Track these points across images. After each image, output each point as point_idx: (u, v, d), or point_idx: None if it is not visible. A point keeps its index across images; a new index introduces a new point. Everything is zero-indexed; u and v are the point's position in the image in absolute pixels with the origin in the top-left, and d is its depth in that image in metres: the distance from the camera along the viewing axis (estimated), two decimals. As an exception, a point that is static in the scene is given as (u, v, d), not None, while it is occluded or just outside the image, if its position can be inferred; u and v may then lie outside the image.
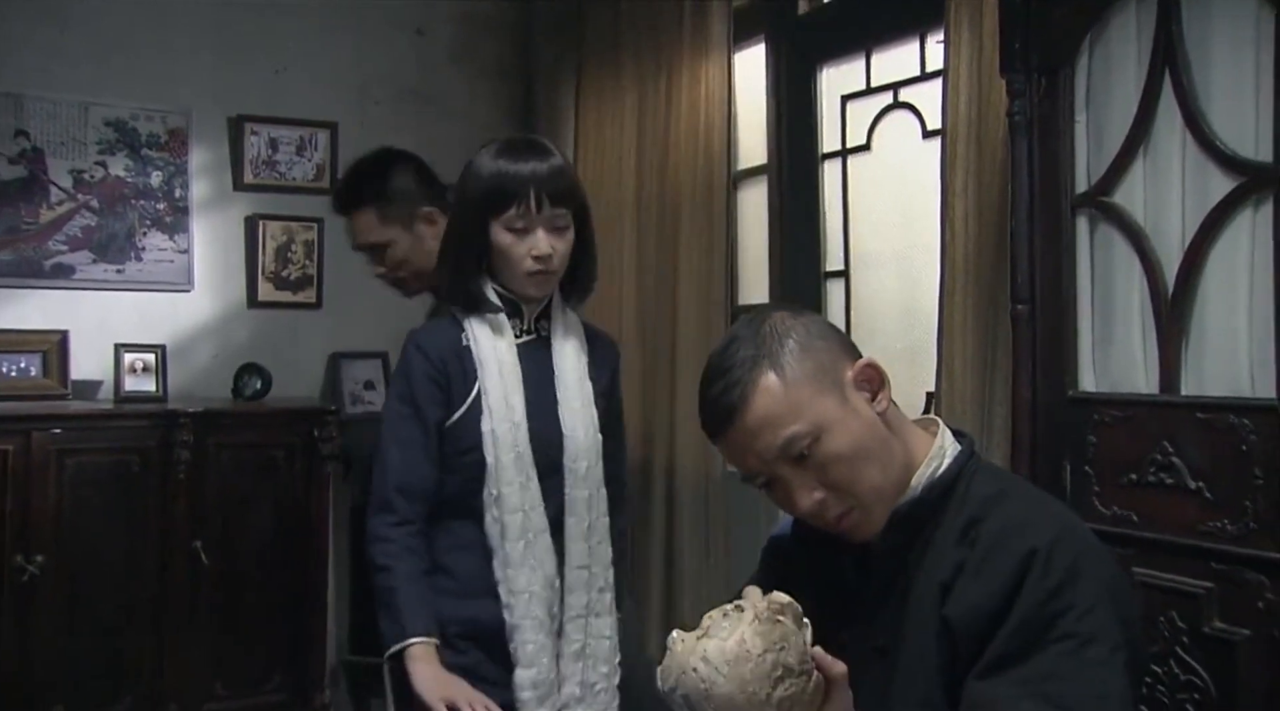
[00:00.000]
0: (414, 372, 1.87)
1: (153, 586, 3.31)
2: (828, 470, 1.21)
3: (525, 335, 1.93)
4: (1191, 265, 1.71)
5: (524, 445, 1.85)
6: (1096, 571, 1.16)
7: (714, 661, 1.05)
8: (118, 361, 3.59)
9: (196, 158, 3.81)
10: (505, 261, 1.86)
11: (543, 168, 1.85)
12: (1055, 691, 1.10)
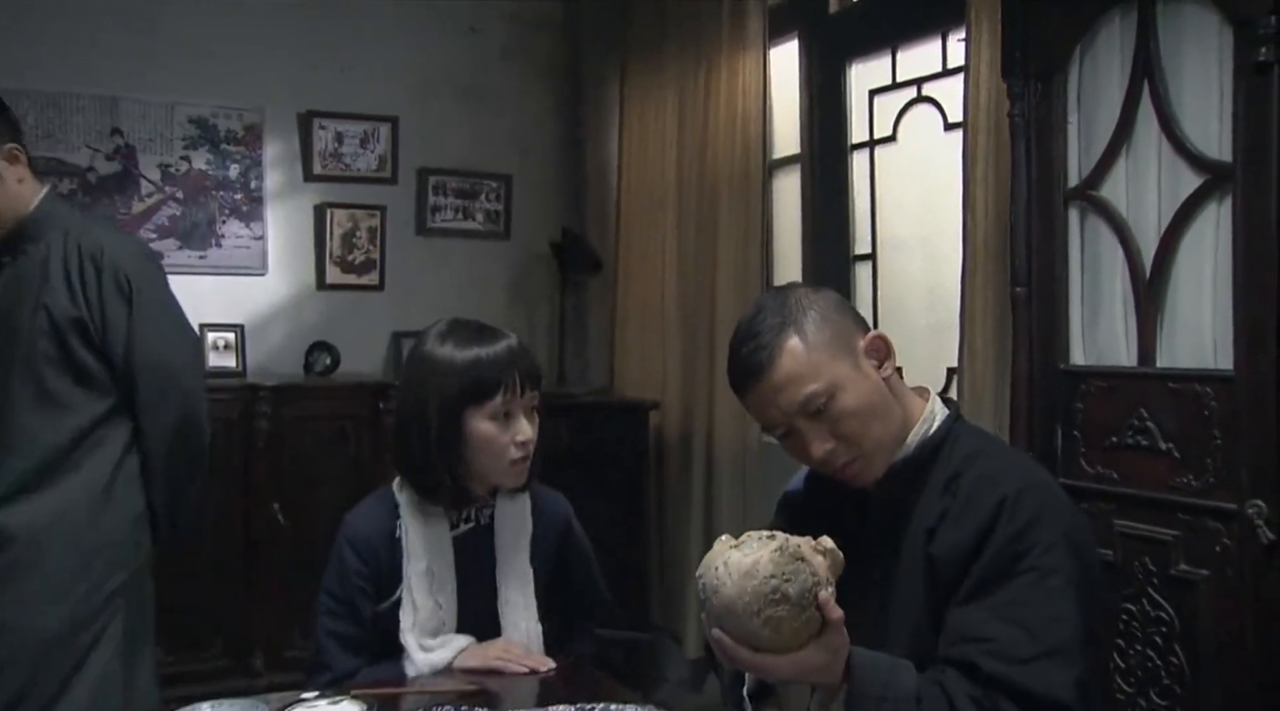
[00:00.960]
0: (345, 570, 1.76)
1: (238, 543, 3.62)
2: (839, 424, 1.42)
3: (466, 524, 1.79)
4: (1165, 252, 1.94)
5: (448, 633, 1.76)
6: (1056, 517, 1.37)
7: (730, 568, 1.27)
8: (202, 340, 3.89)
9: (270, 151, 4.09)
10: (486, 452, 1.70)
11: (516, 348, 1.73)
12: (1019, 615, 1.31)
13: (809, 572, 1.26)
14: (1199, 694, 1.84)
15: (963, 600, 1.35)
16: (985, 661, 1.29)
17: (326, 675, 1.72)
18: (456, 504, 1.76)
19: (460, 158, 4.38)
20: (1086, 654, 1.31)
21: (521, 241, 4.49)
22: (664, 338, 4.00)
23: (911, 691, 1.30)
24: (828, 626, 1.28)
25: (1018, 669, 1.28)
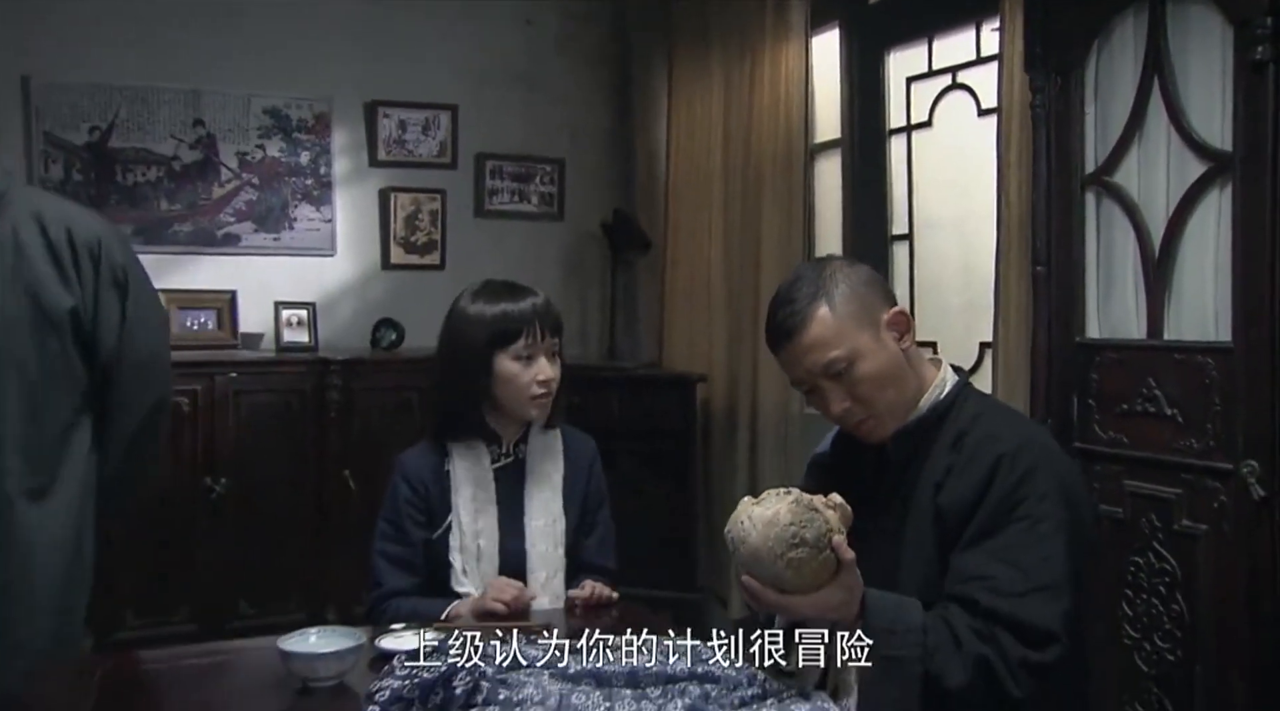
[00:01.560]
0: (397, 498, 2.01)
1: (311, 506, 3.86)
2: (856, 387, 1.59)
3: (504, 459, 2.03)
4: (1173, 234, 2.09)
5: (490, 561, 1.98)
6: (1050, 470, 1.52)
7: (754, 520, 1.45)
8: (277, 317, 4.12)
9: (338, 139, 4.31)
10: (511, 389, 1.95)
11: (539, 302, 1.99)
12: (1014, 556, 1.47)
13: (822, 521, 1.43)
14: (1197, 638, 2.01)
15: (965, 545, 1.51)
16: (984, 596, 1.45)
17: (379, 591, 1.98)
18: (485, 440, 2.02)
19: (516, 143, 4.56)
20: (1073, 589, 1.46)
21: (574, 222, 4.66)
22: (710, 313, 4.13)
23: (918, 624, 1.46)
24: (842, 567, 1.44)
25: (1012, 602, 1.44)
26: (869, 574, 1.50)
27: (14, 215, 1.92)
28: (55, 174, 3.90)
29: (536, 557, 2.00)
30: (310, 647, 1.60)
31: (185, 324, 4.03)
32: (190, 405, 3.71)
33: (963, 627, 1.45)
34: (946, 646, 1.44)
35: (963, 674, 1.43)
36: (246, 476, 3.76)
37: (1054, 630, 1.43)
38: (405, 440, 3.88)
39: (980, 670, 1.42)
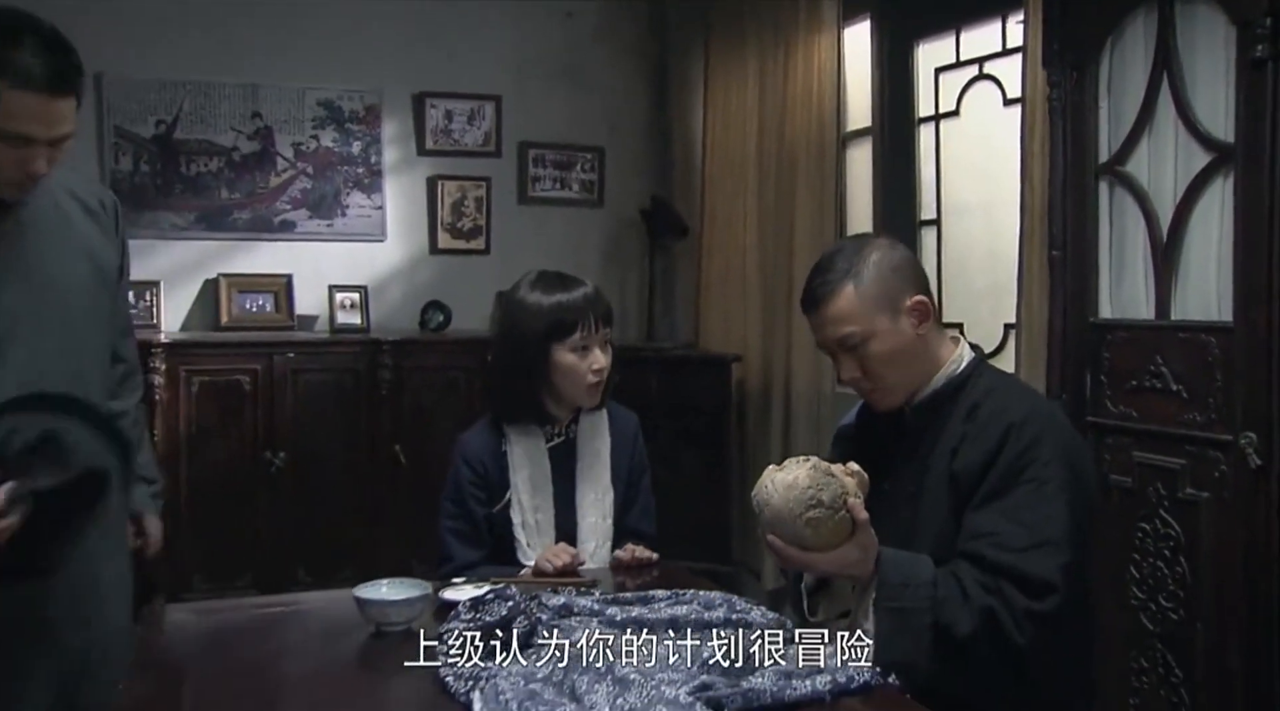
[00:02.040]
0: (460, 478, 2.15)
1: (364, 478, 4.06)
2: (866, 362, 1.73)
3: (557, 439, 2.18)
4: (1180, 220, 2.22)
5: (548, 535, 2.14)
6: (1054, 439, 1.66)
7: (776, 484, 1.61)
8: (331, 299, 4.33)
9: (387, 129, 4.49)
10: (568, 379, 2.09)
11: (591, 293, 2.12)
12: (1019, 515, 1.61)
13: (839, 485, 1.59)
14: (1198, 597, 2.15)
15: (976, 505, 1.64)
16: (990, 552, 1.59)
17: (449, 564, 2.12)
18: (540, 422, 2.16)
19: (557, 132, 4.72)
20: (1073, 545, 1.60)
21: (614, 208, 4.82)
22: (745, 296, 4.26)
23: (929, 578, 1.60)
24: (858, 527, 1.59)
25: (1016, 556, 1.57)
26: (889, 532, 1.65)
27: (46, 188, 1.81)
28: (125, 165, 4.11)
29: (587, 528, 2.16)
30: (383, 595, 1.77)
31: (244, 306, 4.24)
32: (251, 383, 3.92)
33: (970, 581, 1.58)
34: (955, 598, 1.57)
35: (970, 623, 1.56)
36: (304, 450, 3.97)
37: (1054, 581, 1.56)
38: (452, 417, 4.14)
39: (986, 619, 1.56)
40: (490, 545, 2.16)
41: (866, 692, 1.43)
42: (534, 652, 1.53)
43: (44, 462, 1.59)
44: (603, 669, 1.44)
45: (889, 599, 1.60)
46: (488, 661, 1.52)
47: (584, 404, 2.16)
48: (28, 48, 1.59)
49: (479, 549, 2.15)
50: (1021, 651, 1.57)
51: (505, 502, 2.14)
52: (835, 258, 1.76)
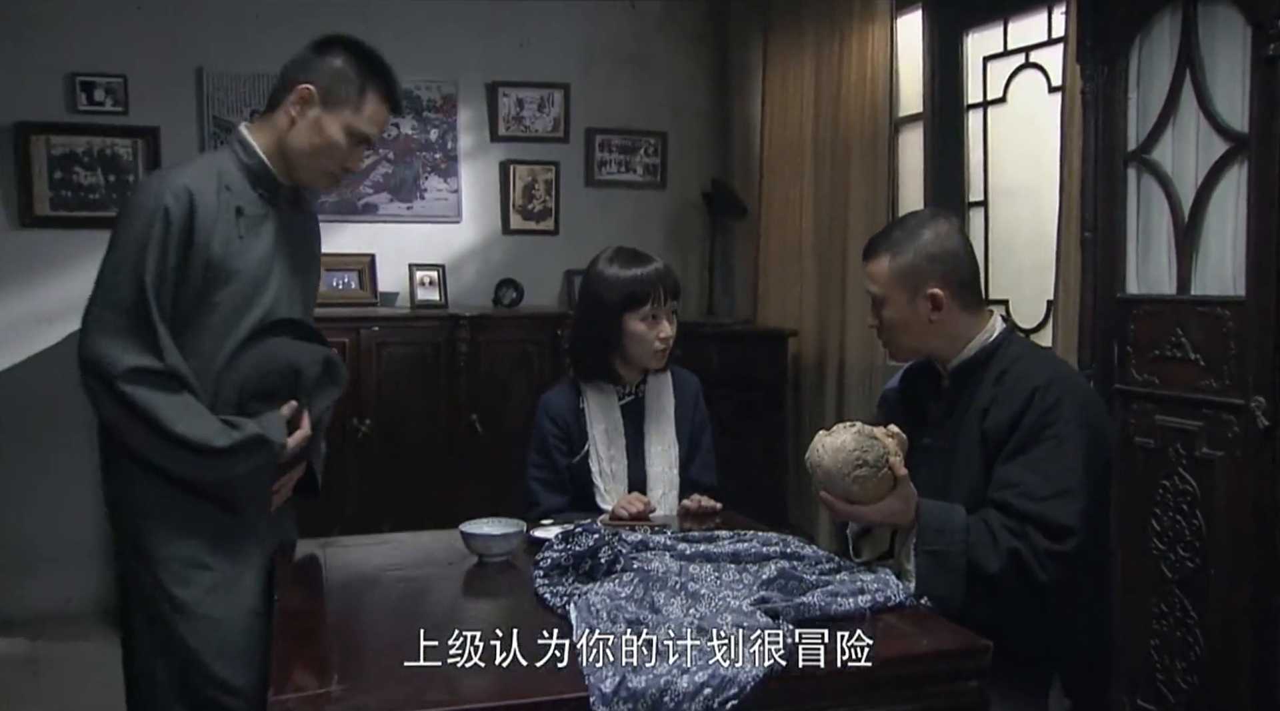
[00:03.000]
0: (544, 432, 2.42)
1: (444, 445, 4.34)
2: (881, 319, 1.98)
3: (628, 397, 2.44)
4: (1200, 204, 2.41)
5: (621, 482, 2.38)
6: (1074, 401, 1.86)
7: (826, 447, 1.85)
8: (411, 277, 4.60)
9: (462, 117, 4.74)
10: (638, 345, 2.34)
11: (662, 270, 2.37)
12: (1041, 468, 1.80)
13: (881, 446, 1.82)
14: (1213, 547, 2.36)
15: (1004, 459, 1.85)
16: (1016, 500, 1.80)
17: (535, 510, 2.39)
18: (613, 382, 2.41)
19: (622, 118, 4.94)
20: (1088, 494, 1.80)
21: (676, 190, 5.03)
22: (801, 273, 4.45)
23: (962, 525, 1.81)
24: (899, 482, 1.82)
25: (1039, 504, 1.78)
26: (927, 481, 1.87)
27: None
28: (222, 152, 4.43)
29: (655, 477, 2.41)
30: (485, 530, 2.05)
31: (331, 284, 4.53)
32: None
33: (998, 526, 1.79)
34: (985, 541, 1.79)
35: (998, 563, 1.77)
36: (388, 418, 4.25)
37: (1072, 526, 1.77)
38: (525, 387, 4.43)
39: (1012, 559, 1.77)
40: (571, 493, 2.42)
41: (900, 610, 1.67)
42: (616, 577, 1.80)
43: (323, 385, 2.04)
44: (676, 587, 1.71)
45: (927, 543, 1.81)
46: (578, 583, 1.79)
47: (651, 367, 2.40)
48: (391, 75, 2.03)
49: (562, 496, 2.41)
50: (1045, 587, 1.77)
51: (584, 453, 2.40)
52: (900, 224, 2.02)
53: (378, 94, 1.99)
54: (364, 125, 1.98)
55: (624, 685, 1.38)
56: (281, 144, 1.97)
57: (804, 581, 1.74)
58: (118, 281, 1.84)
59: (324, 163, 1.99)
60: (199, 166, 1.95)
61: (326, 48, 1.98)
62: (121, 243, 1.86)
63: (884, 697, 1.52)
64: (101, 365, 1.81)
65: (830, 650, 1.49)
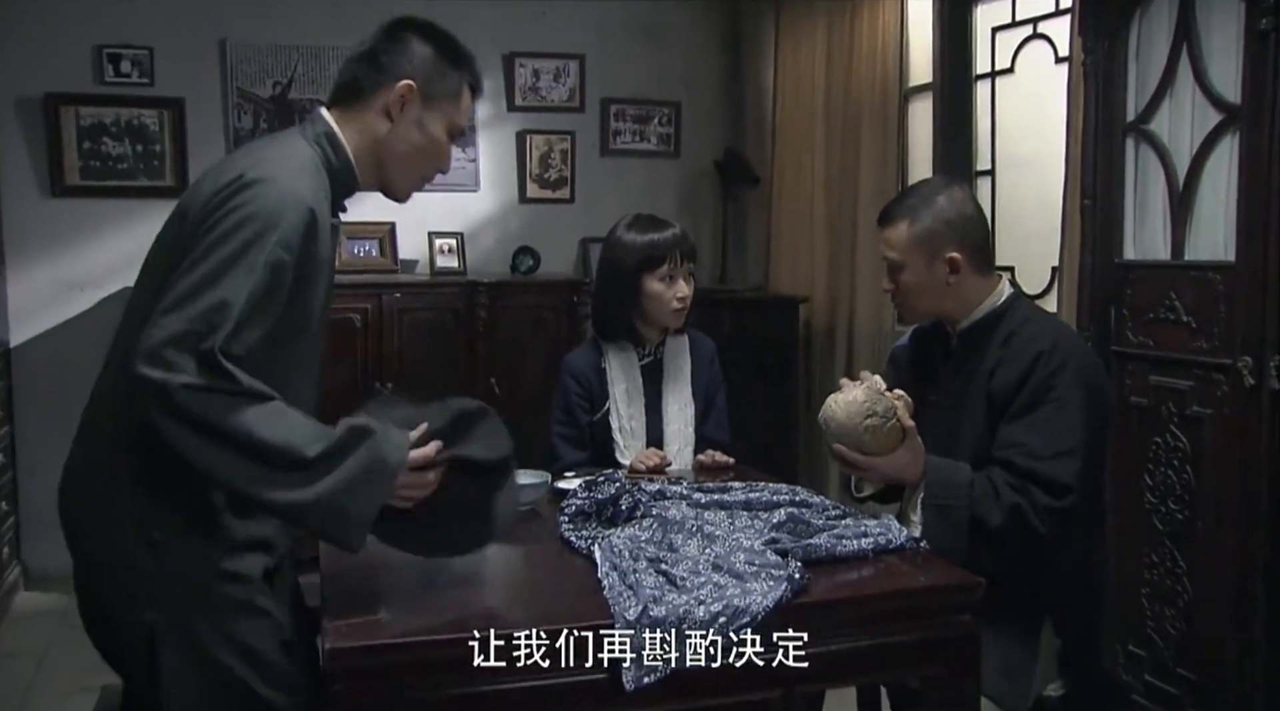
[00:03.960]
0: (567, 390, 2.54)
1: (464, 408, 4.48)
2: (897, 282, 2.07)
3: (647, 358, 2.55)
4: (1194, 173, 2.51)
5: (640, 435, 2.51)
6: (1077, 365, 1.96)
7: (838, 402, 1.97)
8: (430, 245, 4.72)
9: (480, 87, 4.84)
10: (657, 304, 2.46)
11: (679, 234, 2.48)
12: (1043, 428, 1.91)
13: (888, 400, 1.94)
14: (1201, 500, 2.48)
15: (1009, 419, 1.96)
16: (1019, 458, 1.90)
17: (557, 464, 2.51)
18: (634, 343, 2.53)
19: (637, 88, 5.02)
20: (1087, 454, 1.91)
21: (689, 159, 5.12)
22: (812, 241, 4.55)
23: (967, 480, 1.92)
24: (907, 435, 1.93)
25: (1041, 463, 1.88)
26: (935, 438, 1.98)
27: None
28: (246, 123, 4.54)
29: (672, 434, 2.54)
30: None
31: (353, 251, 4.65)
32: (362, 321, 4.34)
33: (1001, 483, 1.90)
34: (988, 496, 1.90)
35: (1000, 517, 1.89)
36: (409, 381, 4.33)
37: (1071, 484, 1.88)
38: (542, 352, 4.55)
39: (1013, 514, 1.88)
40: (591, 450, 2.55)
41: (901, 552, 1.80)
42: (636, 522, 1.92)
43: (475, 437, 1.69)
44: (693, 529, 1.84)
45: (933, 498, 1.93)
46: (601, 527, 1.92)
47: (670, 325, 2.52)
48: (474, 59, 1.84)
49: (583, 451, 2.54)
50: (1043, 539, 1.89)
51: (605, 411, 2.53)
52: (913, 190, 2.11)
53: (469, 83, 1.81)
54: (463, 119, 1.83)
55: (646, 613, 1.51)
56: (378, 148, 1.75)
57: (811, 525, 1.87)
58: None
59: (424, 166, 1.82)
60: (309, 172, 1.64)
61: (406, 34, 1.75)
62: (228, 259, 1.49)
63: (883, 628, 1.64)
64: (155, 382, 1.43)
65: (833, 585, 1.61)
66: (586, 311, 4.48)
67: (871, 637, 1.63)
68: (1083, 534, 2.01)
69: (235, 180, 1.55)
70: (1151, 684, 2.61)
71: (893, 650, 1.65)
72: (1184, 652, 2.54)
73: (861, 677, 1.73)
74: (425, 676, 1.45)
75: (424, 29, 1.78)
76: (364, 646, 1.44)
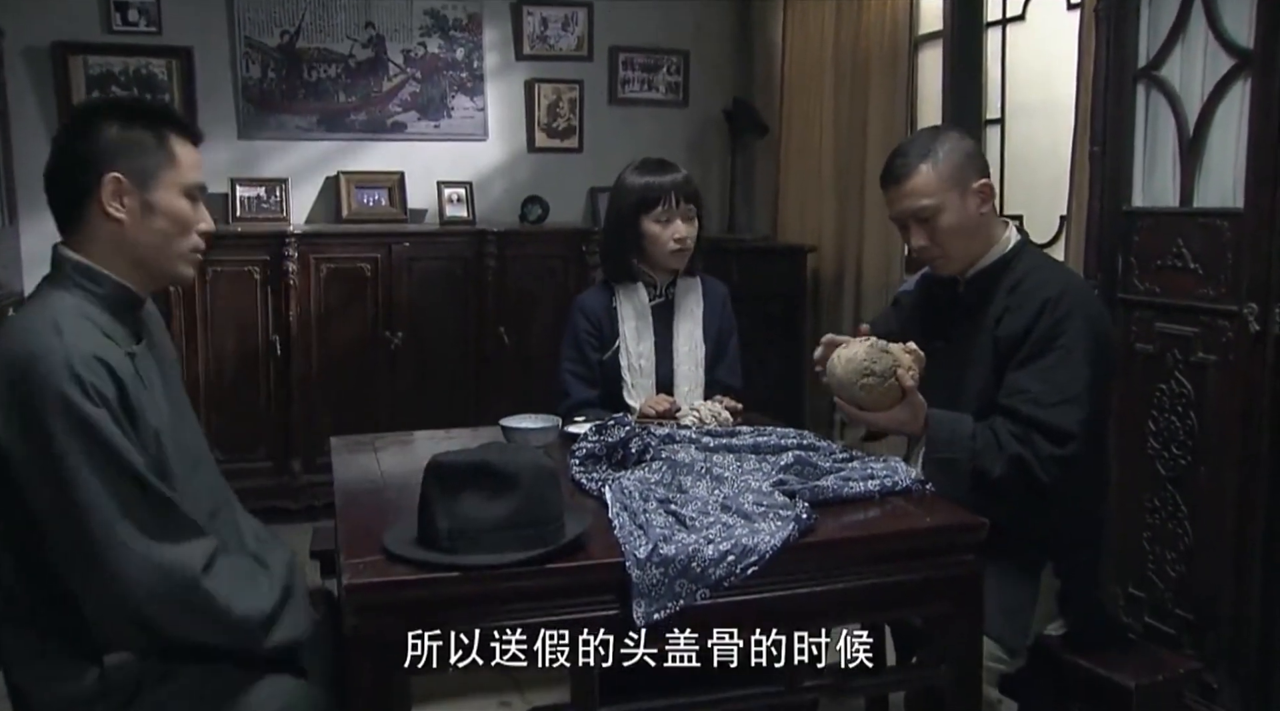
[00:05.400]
0: (577, 328, 2.57)
1: (472, 355, 4.52)
2: (935, 233, 2.04)
3: (657, 299, 2.59)
4: (1204, 120, 2.51)
5: (649, 377, 2.55)
6: (1083, 312, 1.96)
7: (841, 357, 2.00)
8: (439, 194, 4.73)
9: (488, 36, 4.82)
10: (655, 245, 2.50)
11: (678, 177, 2.51)
12: (1049, 376, 1.92)
13: (891, 359, 1.95)
14: (1204, 445, 2.50)
15: (1015, 366, 1.97)
16: (1023, 406, 1.92)
17: (567, 401, 2.56)
18: (644, 283, 2.56)
19: (645, 36, 5.01)
20: (1091, 403, 1.92)
21: (698, 109, 5.11)
22: (820, 191, 4.55)
23: (969, 433, 1.93)
24: (906, 394, 1.94)
25: (1045, 410, 1.90)
26: (940, 386, 1.99)
27: None
28: (254, 73, 4.54)
29: (682, 375, 2.58)
30: (524, 424, 2.22)
31: (362, 200, 4.68)
32: (372, 270, 4.37)
33: (1004, 433, 1.92)
34: (991, 448, 1.92)
35: (1001, 467, 1.90)
36: (419, 330, 4.43)
37: (1074, 432, 1.90)
38: (551, 301, 4.58)
39: (1016, 464, 1.90)
40: (601, 388, 2.59)
41: (907, 494, 1.83)
42: (646, 465, 1.96)
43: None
44: (702, 471, 1.87)
45: (935, 451, 1.96)
46: (611, 470, 1.96)
47: (671, 265, 2.55)
48: (169, 110, 1.79)
49: (593, 389, 2.58)
50: (1045, 487, 1.91)
51: (614, 349, 2.56)
52: (913, 142, 2.08)
53: (179, 137, 1.67)
54: (193, 174, 1.68)
55: (656, 552, 1.55)
56: (125, 252, 1.63)
57: (819, 468, 1.90)
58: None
59: (180, 242, 1.67)
60: (68, 322, 1.54)
61: (89, 125, 1.65)
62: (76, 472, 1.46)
63: (889, 568, 1.68)
64: (175, 572, 1.49)
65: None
66: (595, 260, 4.51)
67: (877, 577, 1.68)
68: (1086, 482, 2.03)
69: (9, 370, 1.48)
70: (1150, 624, 2.66)
71: (898, 589, 1.69)
72: (1183, 594, 2.58)
73: (867, 616, 1.77)
74: (440, 611, 1.49)
75: (104, 109, 1.69)
76: (379, 582, 1.48)
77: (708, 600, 1.55)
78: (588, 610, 1.53)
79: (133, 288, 1.65)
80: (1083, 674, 2.00)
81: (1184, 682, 2.09)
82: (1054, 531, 2.03)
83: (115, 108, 1.69)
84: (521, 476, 1.54)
